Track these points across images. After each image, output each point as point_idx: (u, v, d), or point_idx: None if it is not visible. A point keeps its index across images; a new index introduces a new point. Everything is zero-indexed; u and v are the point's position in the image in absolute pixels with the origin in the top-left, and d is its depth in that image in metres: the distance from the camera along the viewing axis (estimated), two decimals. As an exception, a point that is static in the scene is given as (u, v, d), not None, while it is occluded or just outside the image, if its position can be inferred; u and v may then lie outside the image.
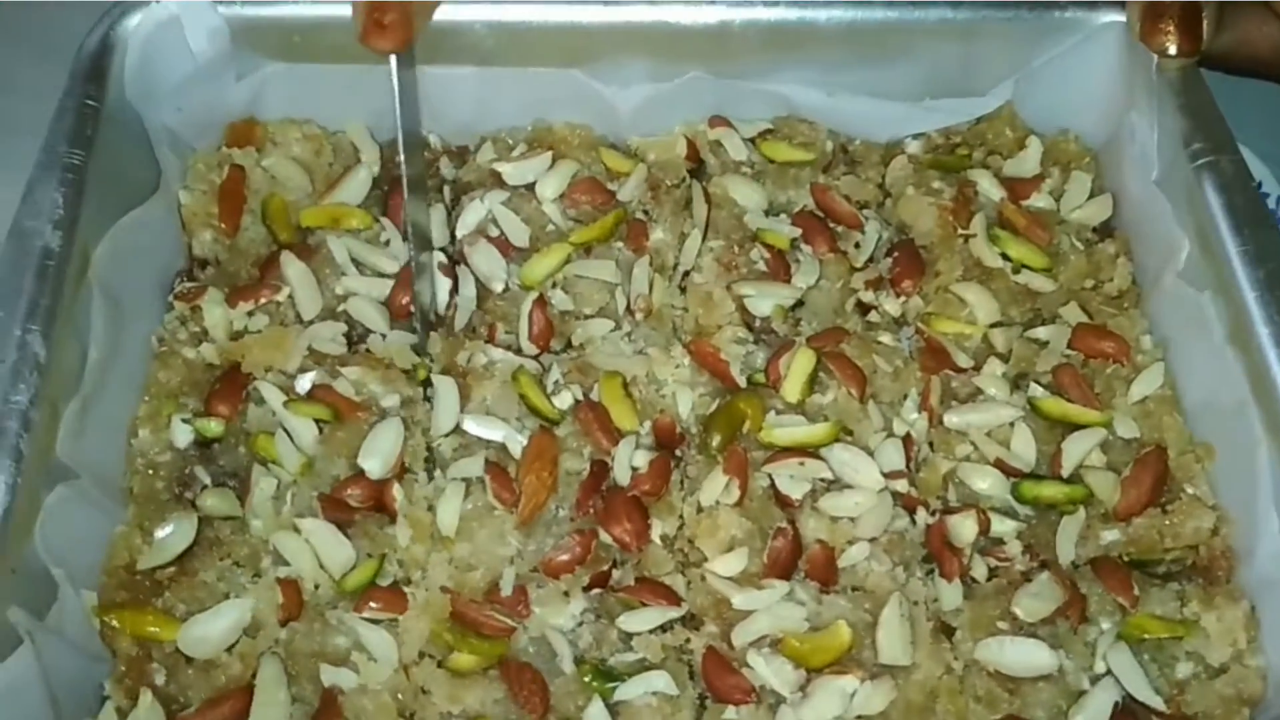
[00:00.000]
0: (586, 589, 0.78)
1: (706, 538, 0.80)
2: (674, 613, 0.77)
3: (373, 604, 0.76)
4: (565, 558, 0.78)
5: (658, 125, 0.97)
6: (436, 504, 0.79)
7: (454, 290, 0.90)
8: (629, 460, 0.82)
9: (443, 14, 0.91)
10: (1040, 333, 0.90)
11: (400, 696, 0.73)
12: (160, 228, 0.89)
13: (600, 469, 0.82)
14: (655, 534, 0.80)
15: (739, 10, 0.92)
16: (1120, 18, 0.93)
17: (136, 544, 0.77)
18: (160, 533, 0.77)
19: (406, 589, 0.77)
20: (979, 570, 0.81)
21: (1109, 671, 0.77)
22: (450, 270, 0.91)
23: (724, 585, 0.78)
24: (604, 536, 0.79)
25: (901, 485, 0.83)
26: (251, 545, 0.78)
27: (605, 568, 0.79)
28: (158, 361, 0.85)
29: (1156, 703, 0.76)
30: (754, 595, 0.78)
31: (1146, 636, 0.79)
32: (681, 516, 0.81)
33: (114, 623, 0.74)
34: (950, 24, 0.93)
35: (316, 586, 0.77)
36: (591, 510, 0.80)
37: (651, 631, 0.76)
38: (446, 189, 0.96)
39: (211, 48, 0.91)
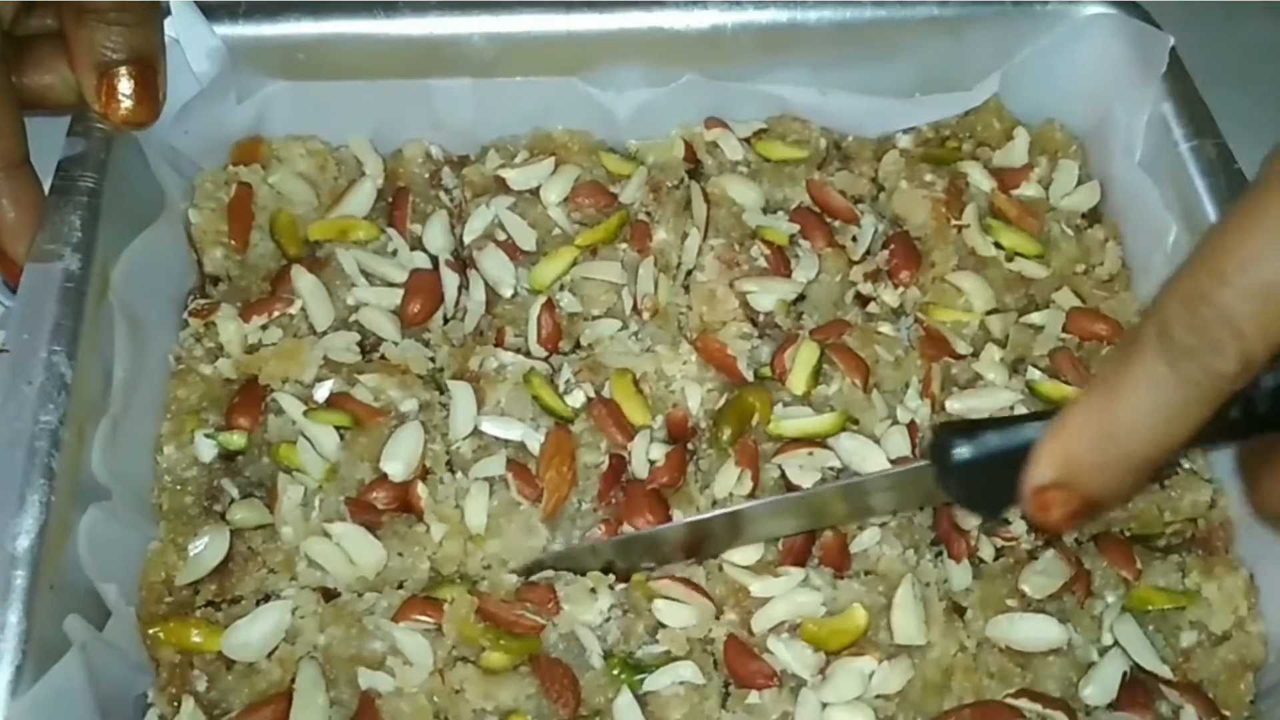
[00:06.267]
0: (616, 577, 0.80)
1: (723, 528, 0.82)
2: (708, 611, 0.79)
3: (416, 616, 0.77)
4: (596, 548, 0.81)
5: (655, 128, 1.00)
6: (464, 504, 0.81)
7: (462, 294, 0.92)
8: (645, 453, 0.84)
9: (442, 27, 0.93)
10: (1035, 318, 0.93)
11: (436, 699, 0.75)
12: (170, 247, 0.91)
13: (618, 462, 0.84)
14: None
15: (731, 14, 0.94)
16: (1105, 10, 0.96)
17: (172, 560, 0.79)
18: (193, 548, 0.79)
19: (440, 594, 0.79)
20: (986, 551, 0.84)
21: (1116, 643, 0.80)
22: (460, 272, 0.92)
23: (742, 574, 0.80)
24: (627, 527, 0.81)
25: (908, 471, 0.85)
26: (285, 552, 0.80)
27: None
28: (175, 379, 0.86)
29: (1164, 671, 0.79)
30: (771, 583, 0.80)
31: (1151, 608, 0.82)
32: (698, 507, 0.83)
33: (160, 635, 0.75)
34: (937, 20, 0.96)
35: (359, 595, 0.79)
36: (613, 501, 0.82)
37: (681, 626, 0.78)
38: (446, 196, 0.98)
39: (212, 68, 0.92)
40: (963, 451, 0.64)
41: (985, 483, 0.65)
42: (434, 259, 0.93)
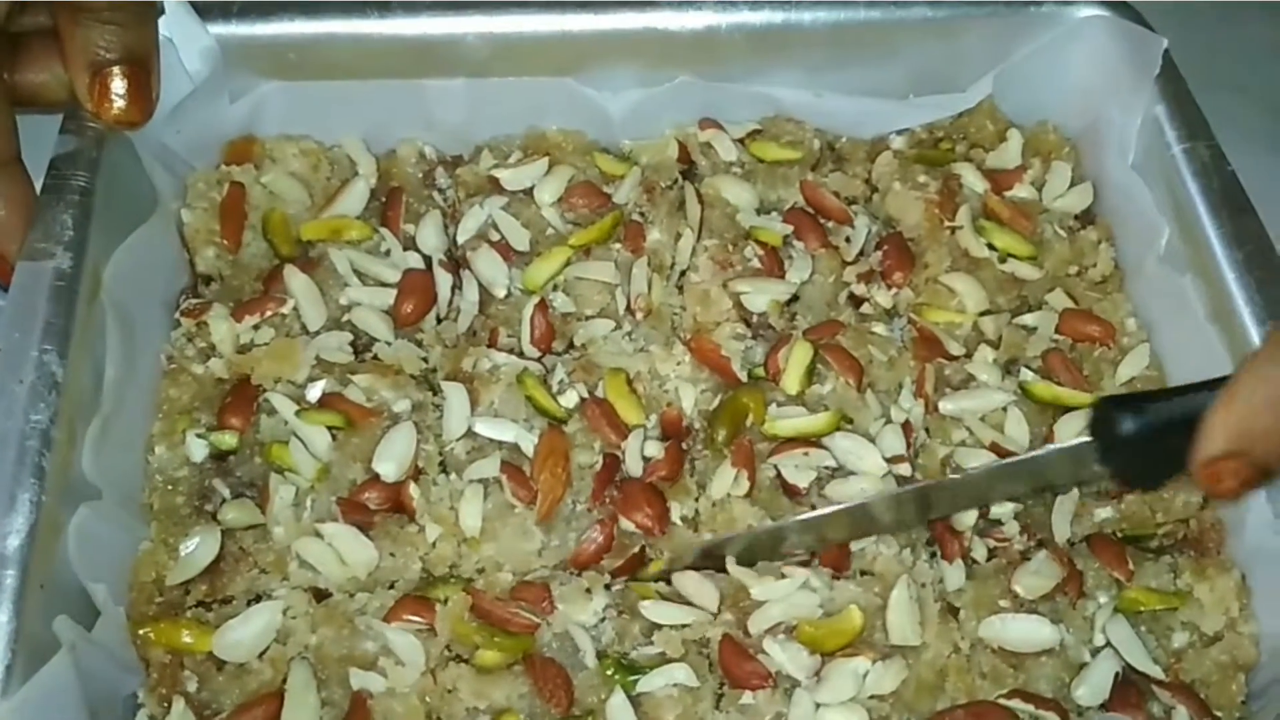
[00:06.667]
0: (615, 573, 0.81)
1: (722, 530, 0.82)
2: (704, 612, 0.79)
3: (407, 616, 0.77)
4: (593, 548, 0.81)
5: (649, 129, 1.00)
6: (458, 506, 0.81)
7: (455, 294, 0.92)
8: (640, 451, 0.84)
9: (436, 27, 0.93)
10: (1028, 319, 0.93)
11: (428, 699, 0.75)
12: (163, 246, 0.90)
13: (612, 461, 0.84)
14: (675, 516, 0.82)
15: (725, 15, 0.94)
16: (1099, 11, 0.96)
17: (162, 560, 0.78)
18: (185, 548, 0.78)
19: (432, 594, 0.79)
20: (979, 551, 0.84)
21: (1108, 643, 0.80)
22: (453, 272, 0.92)
23: (744, 575, 0.80)
24: (625, 524, 0.81)
25: (904, 469, 0.85)
26: (276, 552, 0.79)
27: (635, 551, 0.81)
28: (168, 379, 0.86)
29: (1156, 672, 0.79)
30: (773, 585, 0.79)
31: (1143, 609, 0.82)
32: (697, 499, 0.84)
33: (150, 635, 0.75)
34: (931, 22, 0.96)
35: (351, 596, 0.79)
36: (608, 500, 0.82)
37: (674, 627, 0.78)
38: (440, 196, 0.98)
39: (205, 67, 0.92)
40: (1129, 425, 0.64)
41: (1148, 455, 0.65)
42: (427, 259, 0.93)
